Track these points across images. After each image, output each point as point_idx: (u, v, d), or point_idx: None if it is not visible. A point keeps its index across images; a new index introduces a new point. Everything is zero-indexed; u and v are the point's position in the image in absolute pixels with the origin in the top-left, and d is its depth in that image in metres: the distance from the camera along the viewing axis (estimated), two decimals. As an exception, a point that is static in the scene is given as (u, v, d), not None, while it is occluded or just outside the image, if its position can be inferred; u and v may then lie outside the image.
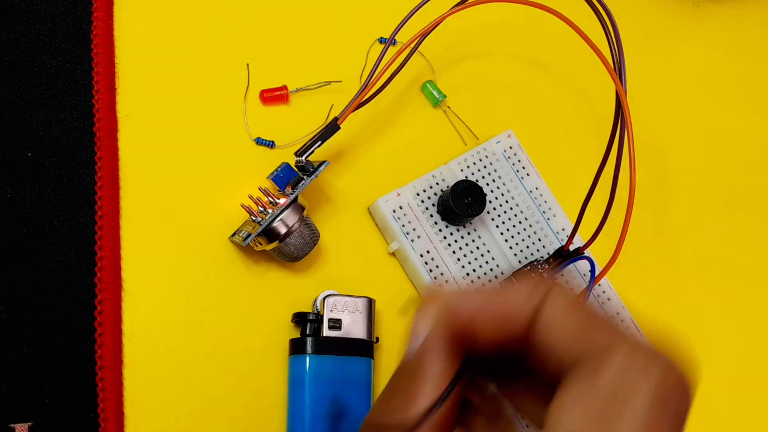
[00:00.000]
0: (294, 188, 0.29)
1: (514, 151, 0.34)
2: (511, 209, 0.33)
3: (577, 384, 0.15)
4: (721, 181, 0.38)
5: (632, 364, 0.15)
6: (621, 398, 0.14)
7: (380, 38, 0.35)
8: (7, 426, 0.26)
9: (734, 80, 0.40)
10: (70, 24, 0.32)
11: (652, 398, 0.14)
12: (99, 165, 0.30)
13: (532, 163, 0.34)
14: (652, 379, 0.15)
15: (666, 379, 0.15)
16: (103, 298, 0.28)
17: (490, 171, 0.34)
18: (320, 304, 0.29)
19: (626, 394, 0.14)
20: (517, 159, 0.34)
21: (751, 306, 0.36)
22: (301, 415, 0.28)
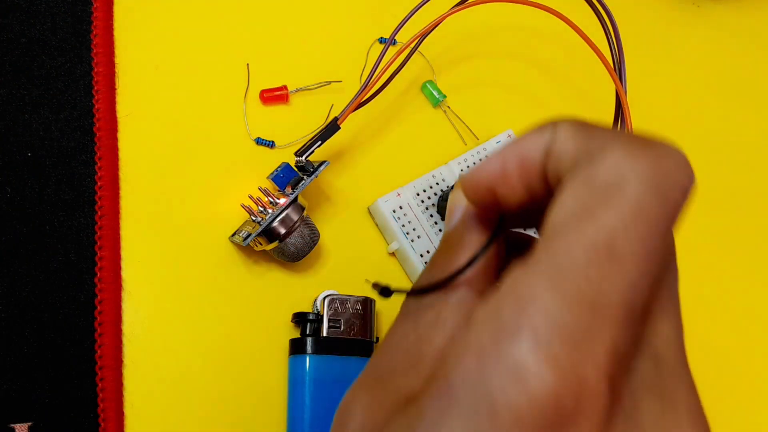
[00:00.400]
0: (294, 188, 0.29)
1: (514, 151, 0.34)
2: (511, 209, 0.33)
3: (571, 180, 0.15)
4: (722, 180, 0.38)
5: (626, 155, 0.15)
6: (612, 187, 0.15)
7: (380, 38, 0.35)
8: (7, 426, 0.26)
9: (734, 80, 0.40)
10: (70, 24, 0.32)
11: (643, 185, 0.14)
12: (99, 165, 0.30)
13: (532, 163, 0.34)
14: (643, 167, 0.15)
15: (658, 168, 0.15)
16: (103, 298, 0.28)
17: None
18: (320, 304, 0.29)
19: (617, 183, 0.15)
20: (517, 159, 0.34)
21: (752, 306, 0.36)
22: (300, 416, 0.28)
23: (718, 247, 0.37)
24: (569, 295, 0.14)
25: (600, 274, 0.14)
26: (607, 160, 0.15)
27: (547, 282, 0.14)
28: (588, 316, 0.14)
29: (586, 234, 0.14)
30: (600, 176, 0.15)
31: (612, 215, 0.14)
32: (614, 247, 0.14)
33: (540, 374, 0.13)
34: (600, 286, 0.14)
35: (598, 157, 0.15)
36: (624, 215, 0.14)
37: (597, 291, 0.14)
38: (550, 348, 0.14)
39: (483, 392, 0.14)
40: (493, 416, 0.14)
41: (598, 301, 0.14)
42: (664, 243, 0.15)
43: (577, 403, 0.14)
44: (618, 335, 0.14)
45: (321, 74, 0.34)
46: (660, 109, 0.39)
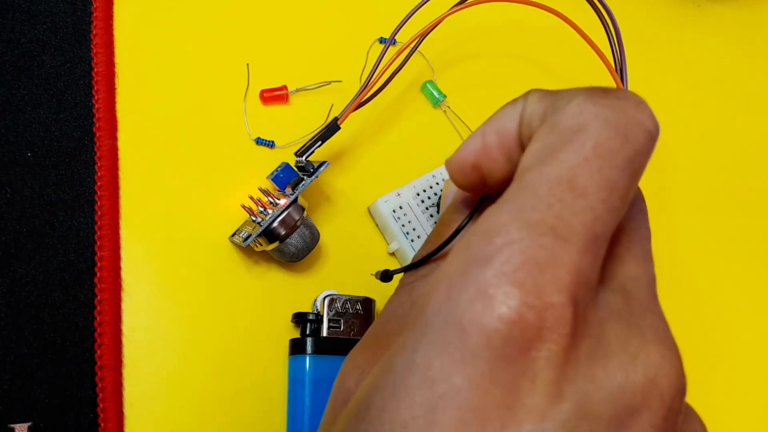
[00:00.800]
0: (294, 189, 0.29)
1: (515, 151, 0.34)
2: (512, 209, 0.33)
3: (539, 131, 0.16)
4: (722, 181, 0.38)
5: (587, 102, 0.16)
6: (574, 130, 0.15)
7: (380, 38, 0.35)
8: (7, 426, 0.26)
9: (735, 80, 0.40)
10: (70, 24, 0.32)
11: (603, 125, 0.15)
12: (99, 165, 0.30)
13: (532, 163, 0.34)
14: (603, 110, 0.15)
15: (618, 110, 0.16)
16: (103, 298, 0.28)
17: (490, 171, 0.34)
18: (320, 304, 0.29)
19: (579, 125, 0.15)
20: (518, 159, 0.34)
21: (752, 306, 0.36)
22: (300, 416, 0.28)
23: (718, 246, 0.37)
24: (533, 224, 0.15)
25: (563, 205, 0.15)
26: (569, 107, 0.16)
27: (512, 214, 0.15)
28: (551, 242, 0.15)
29: (550, 170, 0.15)
30: (563, 122, 0.16)
31: (573, 153, 0.15)
32: (576, 180, 0.15)
33: (505, 295, 0.14)
34: (562, 215, 0.15)
35: (563, 105, 0.16)
36: (586, 152, 0.15)
37: (560, 220, 0.15)
38: (515, 272, 0.14)
39: (453, 316, 0.15)
40: (463, 336, 0.14)
41: (561, 229, 0.15)
42: (627, 180, 0.15)
43: (541, 322, 0.14)
44: (581, 260, 0.15)
45: (321, 74, 0.34)
46: (660, 109, 0.38)
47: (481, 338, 0.14)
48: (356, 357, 0.19)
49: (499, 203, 0.16)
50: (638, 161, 0.16)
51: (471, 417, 0.14)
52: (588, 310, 0.15)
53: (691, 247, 0.36)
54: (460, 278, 0.15)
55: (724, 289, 0.36)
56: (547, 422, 0.14)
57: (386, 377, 0.15)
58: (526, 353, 0.14)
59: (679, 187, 0.37)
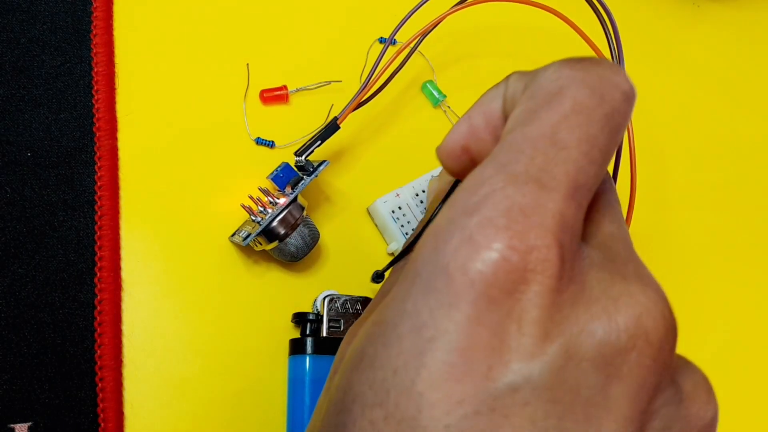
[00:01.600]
0: (294, 188, 0.29)
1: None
2: (511, 209, 0.33)
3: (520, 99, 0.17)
4: (722, 181, 0.38)
5: (563, 67, 0.17)
6: (553, 93, 0.16)
7: (380, 38, 0.35)
8: (7, 426, 0.26)
9: (734, 80, 0.40)
10: (70, 24, 0.32)
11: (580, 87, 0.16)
12: (99, 165, 0.30)
13: (532, 163, 0.34)
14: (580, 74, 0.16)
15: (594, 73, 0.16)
16: (103, 298, 0.28)
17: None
18: (320, 304, 0.29)
19: (557, 88, 0.16)
20: (517, 159, 0.34)
21: (752, 306, 0.36)
22: (300, 416, 0.28)
23: (718, 246, 0.37)
24: (516, 174, 0.15)
25: (545, 158, 0.15)
26: (546, 73, 0.17)
27: (496, 168, 0.16)
28: (534, 190, 0.15)
29: (531, 129, 0.16)
30: (542, 87, 0.17)
31: (553, 112, 0.16)
32: (557, 135, 0.16)
33: (488, 239, 0.15)
34: (545, 166, 0.15)
35: (541, 74, 0.17)
36: (565, 110, 0.16)
37: (542, 170, 0.15)
38: (499, 217, 0.15)
39: (439, 263, 0.15)
40: (449, 281, 0.15)
41: (544, 178, 0.15)
42: (606, 136, 0.16)
43: (525, 264, 0.14)
44: (565, 207, 0.15)
45: (321, 74, 0.34)
46: (660, 109, 0.39)
47: (465, 282, 0.14)
48: (353, 328, 0.20)
49: (484, 162, 0.16)
50: (616, 119, 0.16)
51: (458, 359, 0.14)
52: (572, 257, 0.15)
53: (690, 246, 0.36)
54: (446, 228, 0.15)
55: (724, 289, 0.36)
56: (533, 363, 0.14)
57: (378, 328, 0.16)
58: (511, 295, 0.14)
59: (679, 186, 0.37)
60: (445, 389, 0.14)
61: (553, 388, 0.14)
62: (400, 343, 0.15)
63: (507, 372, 0.14)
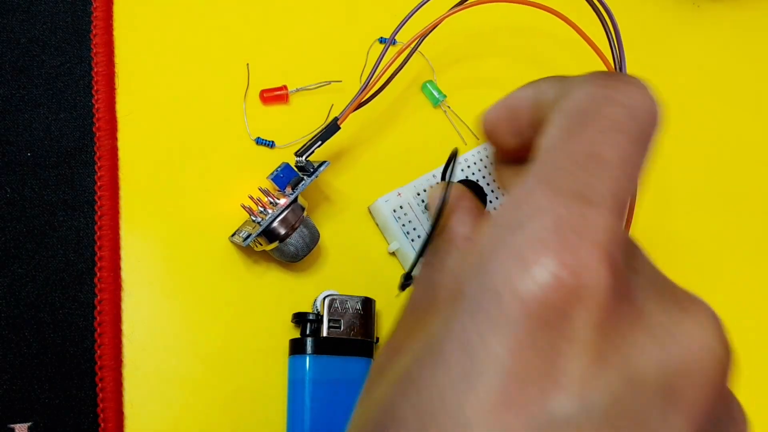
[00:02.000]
0: (294, 188, 0.29)
1: (515, 151, 0.34)
2: (512, 209, 0.33)
3: (553, 114, 0.17)
4: (723, 181, 0.38)
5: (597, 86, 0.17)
6: (589, 111, 0.16)
7: (380, 38, 0.35)
8: (7, 426, 0.26)
9: (734, 80, 0.40)
10: (70, 24, 0.32)
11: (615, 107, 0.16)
12: (99, 165, 0.30)
13: (532, 163, 0.34)
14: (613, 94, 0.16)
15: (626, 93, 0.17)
16: (103, 298, 0.28)
17: (490, 171, 0.34)
18: (320, 304, 0.29)
19: (594, 108, 0.16)
20: (518, 159, 0.34)
21: (753, 307, 0.36)
22: (300, 416, 0.28)
23: (718, 246, 0.37)
24: (560, 191, 0.15)
25: (586, 174, 0.15)
26: (579, 93, 0.17)
27: (538, 184, 0.15)
28: (581, 206, 0.15)
29: (569, 146, 0.16)
30: (576, 106, 0.17)
31: (592, 130, 0.16)
32: (596, 152, 0.16)
33: (539, 257, 0.14)
34: (588, 182, 0.15)
35: (573, 92, 0.17)
36: (603, 128, 0.16)
37: (586, 186, 0.15)
38: (548, 235, 0.14)
39: (488, 283, 0.14)
40: (498, 302, 0.14)
41: (588, 194, 0.15)
42: (639, 154, 0.16)
43: (578, 283, 0.14)
44: (612, 222, 0.15)
45: (321, 74, 0.34)
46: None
47: (516, 303, 0.14)
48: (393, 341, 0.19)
49: (524, 178, 0.16)
50: (648, 136, 0.16)
51: (509, 384, 0.14)
52: (625, 275, 0.15)
53: (690, 246, 0.36)
54: (493, 246, 0.15)
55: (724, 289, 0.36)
56: (590, 388, 0.14)
57: (425, 348, 0.15)
58: (564, 316, 0.14)
59: (679, 186, 0.37)
60: (494, 416, 0.13)
61: (612, 415, 0.14)
62: (448, 366, 0.14)
63: (561, 398, 0.14)
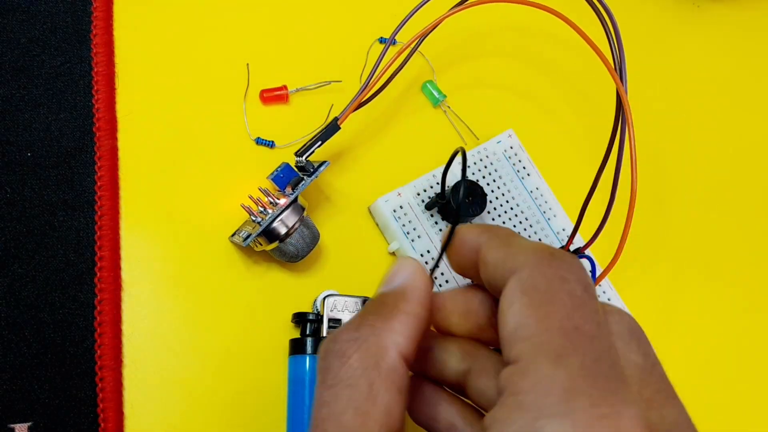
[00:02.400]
0: (294, 188, 0.29)
1: (515, 151, 0.34)
2: (512, 209, 0.33)
3: (509, 292, 0.18)
4: (722, 181, 0.38)
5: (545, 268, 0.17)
6: (550, 294, 0.17)
7: (380, 38, 0.35)
8: (7, 426, 0.26)
9: (734, 80, 0.40)
10: (70, 24, 0.32)
11: (574, 287, 0.17)
12: (99, 165, 0.30)
13: (532, 163, 0.34)
14: (568, 278, 0.17)
15: (577, 276, 0.17)
16: (103, 298, 0.28)
17: (490, 171, 0.34)
18: (320, 304, 0.29)
19: (554, 290, 0.17)
20: (518, 159, 0.34)
21: (753, 306, 0.36)
22: (300, 416, 0.28)
23: (718, 246, 0.37)
24: (576, 369, 0.15)
25: (586, 349, 0.16)
26: (535, 272, 0.17)
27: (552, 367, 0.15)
28: (604, 382, 0.15)
29: (555, 324, 0.16)
30: (536, 284, 0.17)
31: (562, 308, 0.16)
32: (580, 327, 0.16)
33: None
34: (592, 356, 0.16)
35: (525, 270, 0.18)
36: (572, 306, 0.17)
37: (596, 360, 0.15)
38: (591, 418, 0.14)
39: None
40: None
41: (601, 370, 0.15)
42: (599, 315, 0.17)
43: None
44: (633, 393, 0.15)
45: (321, 74, 0.34)
46: (660, 109, 0.39)
47: None
48: None
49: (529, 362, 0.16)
50: (597, 303, 0.17)
51: None
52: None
53: (690, 245, 0.36)
54: None
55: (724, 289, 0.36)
56: None
57: None
58: None
59: (679, 186, 0.37)
60: None
61: None
62: None
63: None
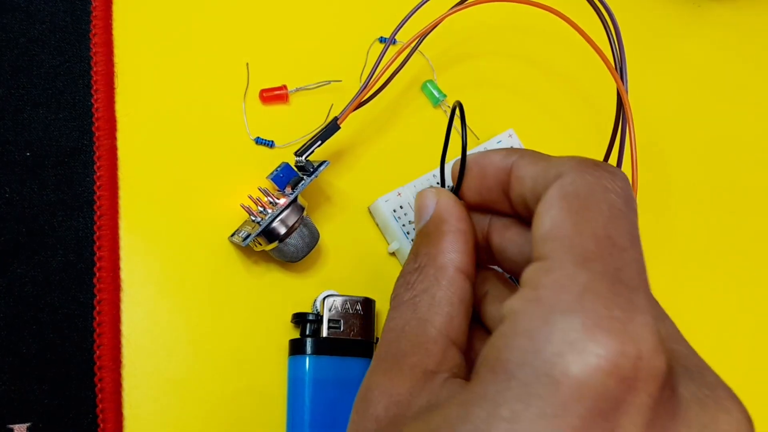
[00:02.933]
0: (294, 188, 0.29)
1: (515, 150, 0.34)
2: (512, 209, 0.33)
3: (549, 198, 0.18)
4: (723, 180, 0.38)
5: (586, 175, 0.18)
6: (591, 201, 0.17)
7: (380, 38, 0.35)
8: (7, 426, 0.26)
9: (735, 79, 0.40)
10: (69, 23, 0.32)
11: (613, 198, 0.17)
12: (98, 165, 0.30)
13: (532, 163, 0.34)
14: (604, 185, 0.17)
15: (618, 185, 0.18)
16: (103, 299, 0.28)
17: (490, 171, 0.34)
18: (320, 305, 0.29)
19: (595, 198, 0.17)
20: (518, 159, 0.34)
21: (753, 306, 0.36)
22: (300, 416, 0.27)
23: (718, 246, 0.36)
24: (600, 273, 0.15)
25: (613, 258, 0.16)
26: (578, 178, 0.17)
27: (576, 266, 0.15)
28: (625, 290, 0.15)
29: (588, 230, 0.16)
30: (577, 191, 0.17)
31: (600, 216, 0.16)
32: (613, 237, 0.16)
33: (598, 345, 0.14)
34: (619, 265, 0.15)
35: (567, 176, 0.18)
36: (609, 215, 0.17)
37: (619, 270, 0.15)
38: (602, 319, 0.14)
39: (542, 368, 0.14)
40: (554, 389, 0.14)
41: (625, 278, 0.15)
42: (637, 231, 0.17)
43: (636, 372, 0.14)
44: (655, 307, 0.15)
45: (321, 74, 0.34)
46: (661, 108, 0.39)
47: (573, 391, 0.14)
48: (374, 380, 0.19)
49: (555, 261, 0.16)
50: (636, 218, 0.17)
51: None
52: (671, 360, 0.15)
53: (690, 245, 0.36)
54: (543, 328, 0.15)
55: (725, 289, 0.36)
56: None
57: (463, 428, 0.15)
58: (618, 407, 0.14)
59: (679, 186, 0.37)
60: None
61: None
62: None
63: None
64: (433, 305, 0.19)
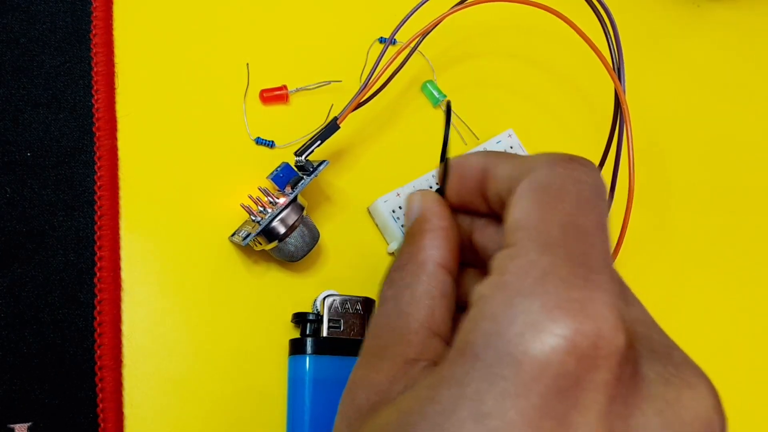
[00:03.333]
0: (294, 188, 0.29)
1: (515, 150, 0.34)
2: (511, 209, 0.33)
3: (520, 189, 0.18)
4: (721, 180, 0.38)
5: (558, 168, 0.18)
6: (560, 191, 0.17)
7: (380, 38, 0.35)
8: (7, 426, 0.26)
9: (734, 79, 0.40)
10: (70, 24, 0.32)
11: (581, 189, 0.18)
12: (99, 165, 0.30)
13: (532, 162, 0.34)
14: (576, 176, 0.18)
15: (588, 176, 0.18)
16: (103, 298, 0.28)
17: (490, 171, 0.34)
18: (320, 304, 0.29)
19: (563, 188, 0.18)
20: (517, 159, 0.34)
21: (752, 305, 0.36)
22: (300, 416, 0.28)
23: (717, 246, 0.37)
24: (562, 258, 0.16)
25: (577, 243, 0.16)
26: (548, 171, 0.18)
27: (539, 252, 0.16)
28: (586, 272, 0.15)
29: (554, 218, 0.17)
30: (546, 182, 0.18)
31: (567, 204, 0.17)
32: (578, 223, 0.17)
33: (557, 325, 0.14)
34: (583, 250, 0.16)
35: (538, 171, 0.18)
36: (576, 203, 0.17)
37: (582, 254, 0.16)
38: (562, 301, 0.15)
39: (505, 349, 0.15)
40: (517, 369, 0.14)
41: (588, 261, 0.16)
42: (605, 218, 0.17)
43: (596, 351, 0.14)
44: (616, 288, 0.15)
45: (321, 74, 0.34)
46: (659, 109, 0.39)
47: (534, 370, 0.14)
48: (362, 374, 0.19)
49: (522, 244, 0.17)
50: (605, 208, 0.18)
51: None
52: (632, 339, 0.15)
53: (689, 245, 0.36)
54: (506, 311, 0.15)
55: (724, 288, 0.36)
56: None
57: (430, 408, 0.15)
58: (579, 384, 0.14)
59: (678, 186, 0.37)
60: None
61: None
62: (460, 430, 0.14)
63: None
64: (414, 299, 0.20)
